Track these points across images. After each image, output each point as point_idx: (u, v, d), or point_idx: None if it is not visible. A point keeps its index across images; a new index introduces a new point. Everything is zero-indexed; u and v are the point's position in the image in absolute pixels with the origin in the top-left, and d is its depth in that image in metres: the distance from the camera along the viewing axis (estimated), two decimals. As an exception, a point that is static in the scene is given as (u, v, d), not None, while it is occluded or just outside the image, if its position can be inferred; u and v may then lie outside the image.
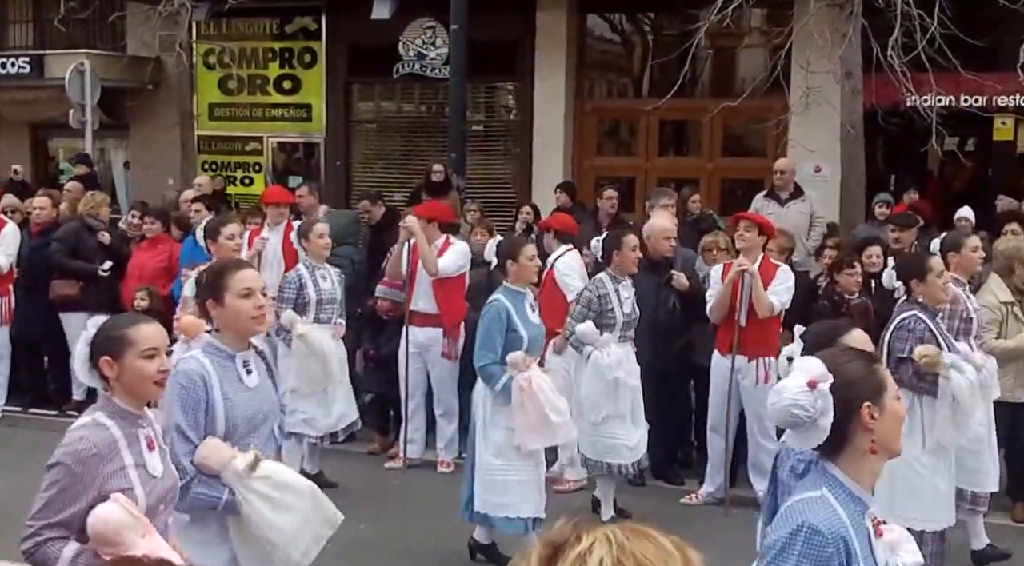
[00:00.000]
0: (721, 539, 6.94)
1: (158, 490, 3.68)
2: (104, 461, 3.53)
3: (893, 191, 13.23)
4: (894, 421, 2.88)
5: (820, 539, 2.72)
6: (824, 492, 2.81)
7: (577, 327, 7.38)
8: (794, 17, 12.61)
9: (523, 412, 6.36)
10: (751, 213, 8.85)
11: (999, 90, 12.12)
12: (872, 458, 2.86)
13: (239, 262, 4.70)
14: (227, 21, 16.52)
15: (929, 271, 6.19)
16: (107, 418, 3.62)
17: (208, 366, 4.19)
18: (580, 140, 15.50)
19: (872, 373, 2.88)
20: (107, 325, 3.73)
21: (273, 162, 17.10)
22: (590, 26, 15.80)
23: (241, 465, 4.07)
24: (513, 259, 6.57)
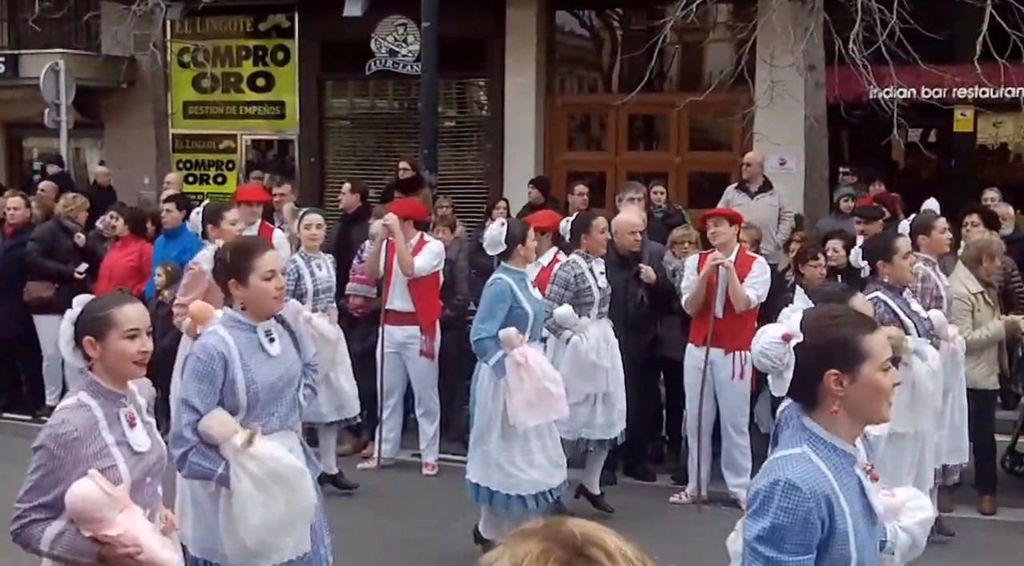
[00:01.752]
0: (694, 535, 7.05)
1: (143, 464, 3.76)
2: (85, 443, 3.61)
3: (856, 183, 13.45)
4: (872, 391, 2.86)
5: (798, 494, 2.74)
6: (805, 448, 2.84)
7: (556, 312, 7.38)
8: (758, 12, 12.80)
9: (520, 388, 6.39)
10: (717, 208, 9.01)
11: (958, 82, 12.31)
12: (848, 419, 2.88)
13: (263, 243, 4.76)
14: (201, 20, 16.58)
15: (895, 252, 6.22)
16: (90, 397, 3.71)
17: (229, 340, 4.30)
18: (551, 135, 15.67)
19: (854, 341, 2.86)
20: (92, 305, 3.80)
21: (247, 159, 17.20)
22: (559, 22, 15.96)
23: (239, 440, 4.19)
24: (523, 243, 6.66)
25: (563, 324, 7.43)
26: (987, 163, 14.40)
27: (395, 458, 9.00)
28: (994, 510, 7.93)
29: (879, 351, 2.89)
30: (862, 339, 2.88)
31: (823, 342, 2.88)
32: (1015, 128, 13.80)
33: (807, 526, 2.75)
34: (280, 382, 4.40)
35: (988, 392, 7.74)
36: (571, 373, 7.36)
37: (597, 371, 7.46)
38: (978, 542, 7.19)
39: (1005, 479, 8.41)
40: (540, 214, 9.36)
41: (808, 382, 2.88)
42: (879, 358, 2.88)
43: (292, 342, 4.55)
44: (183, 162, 17.00)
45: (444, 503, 7.82)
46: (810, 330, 2.91)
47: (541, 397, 6.44)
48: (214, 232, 7.23)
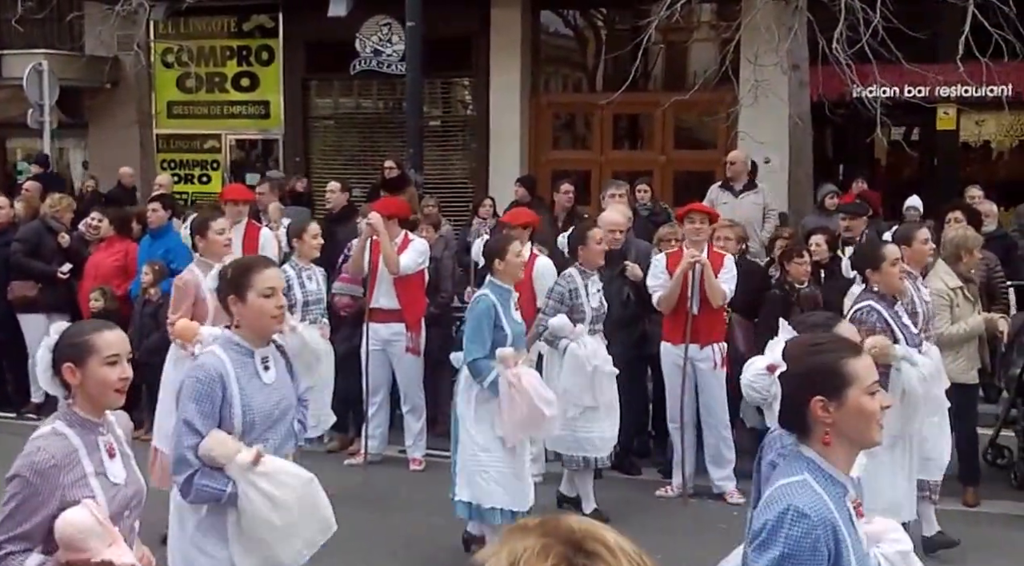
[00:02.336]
0: (679, 528, 7.12)
1: (120, 497, 3.67)
2: (63, 471, 3.51)
3: (841, 181, 13.53)
4: (860, 416, 2.83)
5: (807, 522, 2.71)
6: (806, 476, 2.81)
7: (550, 322, 7.35)
8: (742, 12, 12.86)
9: (512, 407, 6.33)
10: (695, 204, 9.03)
11: (941, 81, 12.40)
12: (839, 446, 2.86)
13: (264, 260, 4.66)
14: (184, 20, 16.58)
15: (883, 260, 6.19)
16: (67, 427, 3.60)
17: (227, 361, 4.18)
18: (536, 134, 15.70)
19: (837, 366, 2.84)
20: (70, 331, 3.71)
21: (232, 159, 17.19)
22: (544, 22, 16.00)
23: (246, 458, 4.07)
24: (500, 257, 6.52)
25: (558, 334, 7.38)
26: (970, 161, 14.50)
27: (382, 454, 9.02)
28: (977, 502, 8.00)
29: (864, 375, 2.86)
30: (845, 364, 2.86)
31: (806, 369, 2.87)
32: (997, 126, 13.91)
33: (815, 554, 2.72)
34: (276, 410, 4.29)
35: (969, 386, 7.79)
36: (573, 383, 7.33)
37: (598, 377, 7.40)
38: (962, 534, 7.22)
39: (987, 471, 8.49)
40: (514, 211, 9.37)
41: (796, 411, 2.87)
42: (865, 382, 2.85)
43: (288, 371, 4.46)
44: (167, 162, 16.98)
45: (431, 498, 7.82)
46: (793, 358, 2.91)
47: (535, 417, 6.40)
48: (202, 243, 7.14)
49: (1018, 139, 14.01)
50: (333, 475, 8.38)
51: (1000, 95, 12.19)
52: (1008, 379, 8.76)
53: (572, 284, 7.47)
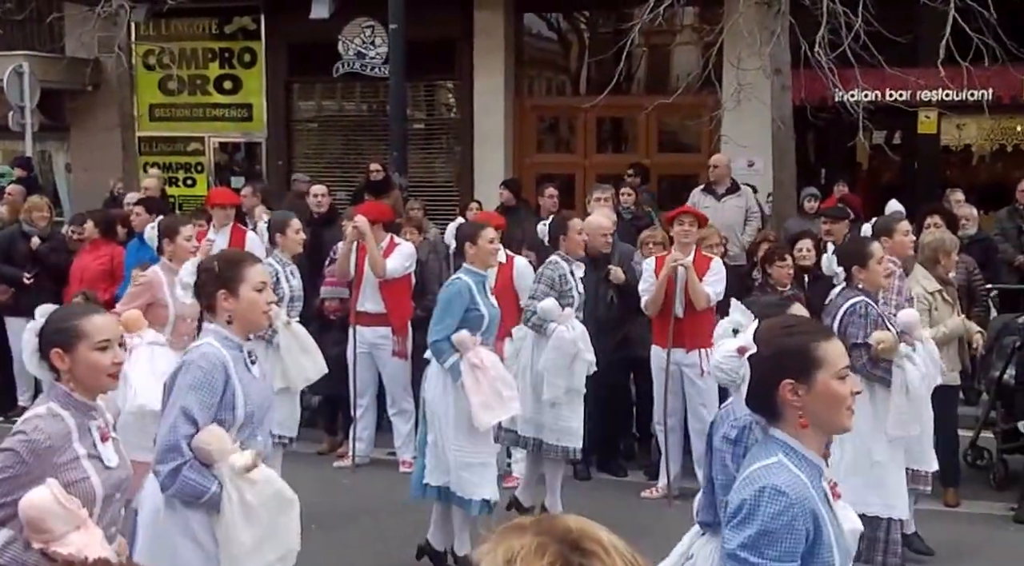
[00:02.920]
0: (664, 529, 7.09)
1: (112, 479, 3.64)
2: (57, 452, 3.48)
3: (823, 184, 13.59)
4: (829, 400, 2.81)
5: (784, 499, 2.70)
6: (781, 458, 2.79)
7: (539, 305, 7.33)
8: (724, 15, 12.90)
9: (477, 389, 6.34)
10: (685, 207, 9.08)
11: (922, 85, 12.47)
12: (809, 430, 2.83)
13: (252, 256, 4.60)
14: (166, 22, 16.53)
15: (870, 257, 6.21)
16: (61, 408, 3.56)
17: (225, 353, 4.10)
18: (520, 138, 15.73)
19: (808, 349, 2.82)
20: (57, 316, 3.65)
21: (216, 162, 17.14)
22: (527, 25, 16.03)
23: (239, 462, 3.95)
24: (472, 242, 6.56)
25: (547, 317, 7.35)
26: (950, 165, 14.59)
27: (370, 457, 9.02)
28: (957, 503, 8.07)
29: (835, 358, 2.84)
30: (816, 347, 2.83)
31: (776, 352, 2.84)
32: (978, 130, 14.00)
33: (793, 532, 2.71)
34: (263, 407, 4.23)
35: (949, 388, 7.85)
36: (553, 362, 7.30)
37: (578, 363, 7.39)
38: (942, 534, 7.30)
39: (967, 472, 8.57)
40: (480, 214, 9.37)
41: (765, 393, 2.85)
42: (835, 365, 2.83)
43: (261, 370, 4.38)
44: (150, 165, 16.91)
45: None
46: (764, 340, 2.87)
47: (496, 398, 6.42)
48: (170, 247, 7.08)
49: (998, 143, 14.11)
50: (321, 478, 8.50)
51: (981, 99, 12.28)
52: (988, 381, 8.83)
53: (560, 270, 7.50)
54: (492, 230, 6.75)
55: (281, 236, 7.97)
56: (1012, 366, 8.45)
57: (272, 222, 8.30)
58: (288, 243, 7.95)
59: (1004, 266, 10.88)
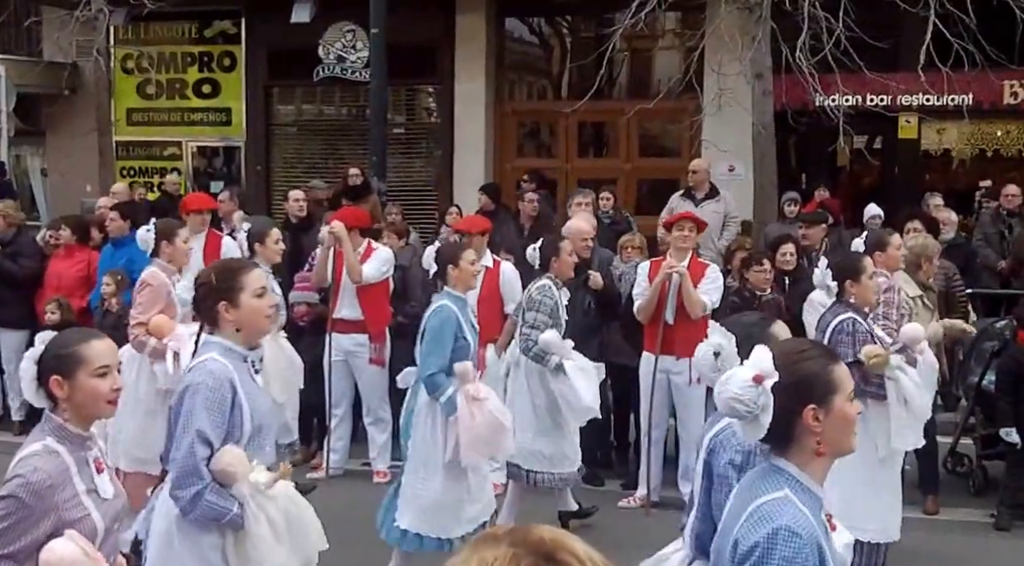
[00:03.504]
0: (642, 538, 7.06)
1: (111, 512, 3.59)
2: (58, 490, 3.43)
3: (804, 189, 13.59)
4: (843, 423, 2.81)
5: (798, 541, 2.68)
6: (787, 492, 2.77)
7: (542, 338, 7.11)
8: (706, 20, 12.88)
9: (471, 424, 6.10)
10: (685, 212, 9.02)
11: (903, 90, 12.50)
12: (819, 460, 2.83)
13: (248, 262, 4.61)
14: (145, 25, 16.41)
15: (863, 272, 6.23)
16: (57, 443, 3.50)
17: (229, 365, 4.04)
18: (501, 142, 15.68)
19: (825, 373, 2.82)
20: (56, 342, 3.59)
21: (193, 167, 17.04)
22: (509, 29, 15.99)
23: (262, 479, 3.95)
24: (454, 264, 6.37)
25: (548, 349, 7.15)
26: (931, 169, 14.61)
27: (343, 468, 8.93)
28: (937, 510, 8.07)
29: (846, 381, 2.86)
30: (832, 371, 2.84)
31: (798, 378, 2.80)
32: (958, 135, 14.02)
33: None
34: (268, 416, 4.22)
35: (928, 394, 7.84)
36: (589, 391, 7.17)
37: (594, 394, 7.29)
38: (922, 541, 7.28)
39: (947, 479, 8.57)
40: (468, 218, 9.35)
41: (785, 421, 2.79)
42: (847, 388, 2.85)
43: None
44: (127, 169, 16.81)
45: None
46: (782, 367, 2.81)
47: (493, 433, 6.21)
48: (168, 249, 7.07)
49: (978, 148, 14.13)
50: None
51: (961, 104, 12.29)
52: (966, 387, 8.83)
53: (555, 297, 7.31)
54: (472, 252, 6.63)
55: (260, 246, 7.93)
56: (991, 371, 8.44)
57: (251, 231, 8.26)
58: (267, 253, 7.89)
59: (985, 270, 10.88)
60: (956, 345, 8.95)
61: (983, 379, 8.52)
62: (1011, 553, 7.49)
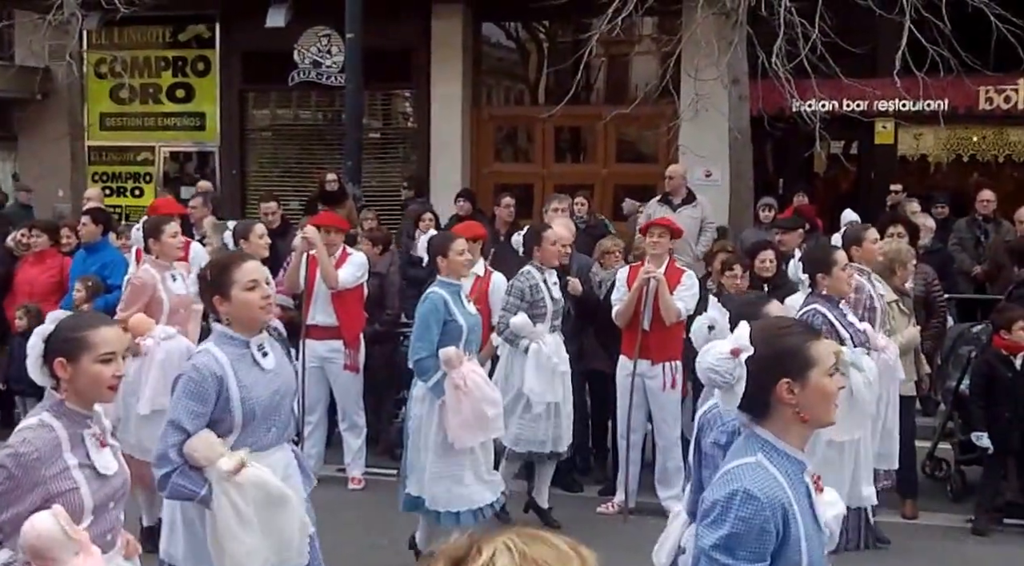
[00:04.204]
0: (620, 544, 7.08)
1: (107, 489, 3.64)
2: (46, 464, 3.47)
3: (781, 194, 13.59)
4: (820, 396, 2.92)
5: (756, 503, 2.80)
6: (759, 457, 2.90)
7: (512, 321, 7.41)
8: (682, 26, 12.88)
9: (458, 409, 6.37)
10: (661, 218, 9.01)
11: (879, 95, 12.54)
12: (799, 426, 2.95)
13: (242, 255, 4.75)
14: (119, 30, 16.28)
15: (834, 264, 6.39)
16: (53, 418, 3.56)
17: (222, 358, 4.22)
18: (477, 147, 15.64)
19: (802, 349, 2.94)
20: (65, 324, 3.65)
21: (165, 172, 16.92)
22: (485, 34, 15.96)
23: (225, 466, 4.11)
24: (443, 255, 6.60)
25: (519, 333, 7.44)
26: (907, 174, 14.64)
27: (319, 473, 8.84)
28: (915, 514, 8.08)
29: (825, 357, 2.97)
30: (810, 346, 2.96)
31: (774, 352, 2.95)
32: (935, 140, 14.07)
33: (763, 534, 2.81)
34: (277, 396, 4.35)
35: (905, 398, 7.85)
36: (536, 380, 7.40)
37: (557, 377, 7.50)
38: (901, 545, 7.32)
39: (925, 484, 8.55)
40: (463, 224, 9.33)
41: (760, 392, 2.94)
42: (826, 364, 2.96)
43: (285, 353, 4.56)
44: (100, 174, 16.67)
45: (372, 517, 7.73)
46: (761, 341, 2.97)
47: (479, 419, 6.44)
48: (156, 246, 7.15)
49: (954, 153, 14.18)
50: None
51: (937, 110, 12.33)
52: (944, 392, 8.83)
53: (532, 280, 7.53)
54: (462, 241, 6.81)
55: (245, 242, 7.97)
56: (968, 376, 8.44)
57: (236, 229, 8.30)
58: (253, 248, 7.88)
59: (961, 276, 10.91)
60: (936, 351, 8.95)
61: (960, 384, 8.53)
62: (989, 558, 7.50)
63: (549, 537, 1.78)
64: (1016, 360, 7.85)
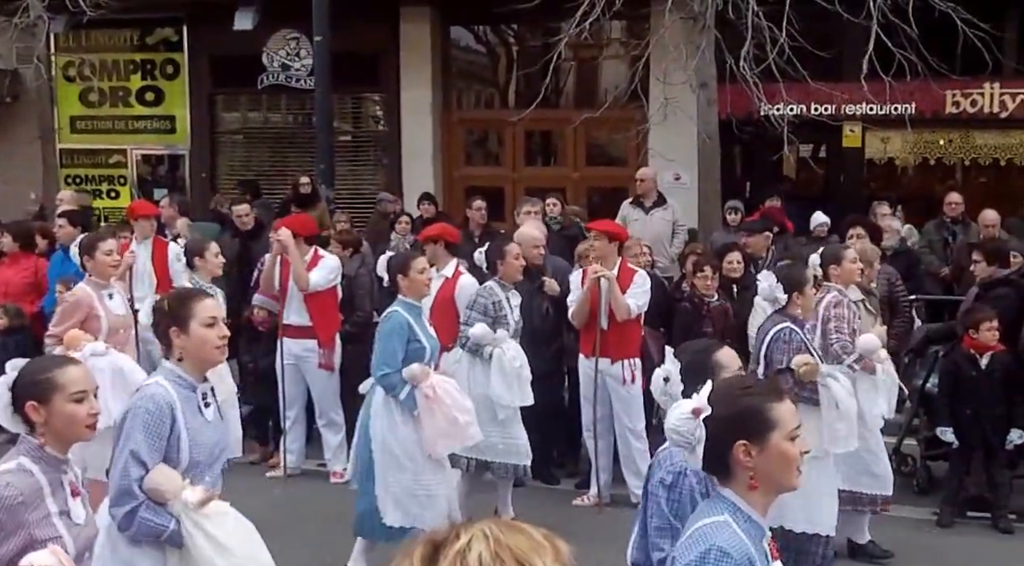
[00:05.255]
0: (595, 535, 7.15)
1: (82, 537, 3.61)
2: (29, 509, 3.44)
3: (750, 197, 13.70)
4: (781, 460, 2.88)
5: (729, 561, 2.78)
6: (727, 518, 2.87)
7: (471, 332, 7.48)
8: (650, 30, 12.96)
9: (432, 419, 6.40)
10: (598, 222, 9.09)
11: (846, 99, 12.64)
12: (759, 490, 2.91)
13: (201, 291, 4.63)
14: (87, 33, 16.19)
15: (807, 283, 6.51)
16: (32, 463, 3.52)
17: (174, 394, 4.06)
18: (448, 150, 15.66)
19: (762, 410, 2.89)
20: (30, 368, 3.63)
21: (138, 174, 16.85)
22: (454, 37, 15.98)
23: (192, 498, 3.98)
24: (403, 274, 6.57)
25: (480, 342, 7.49)
26: (875, 178, 14.79)
27: (300, 468, 9.11)
28: (886, 508, 8.13)
29: (788, 419, 2.91)
30: (770, 408, 2.91)
31: (732, 413, 2.91)
32: (902, 143, 14.19)
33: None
34: (216, 448, 4.22)
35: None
36: (501, 384, 7.45)
37: (522, 382, 7.54)
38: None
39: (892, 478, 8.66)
40: (432, 226, 9.38)
41: (718, 453, 2.91)
42: (788, 426, 2.90)
43: (218, 412, 4.34)
44: (71, 177, 16.58)
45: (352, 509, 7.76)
46: (719, 401, 2.93)
47: (452, 426, 6.48)
48: (90, 263, 7.06)
49: (921, 156, 14.33)
50: (254, 487, 8.39)
51: (904, 113, 12.46)
52: (911, 389, 8.94)
53: (495, 297, 7.63)
54: (423, 259, 6.82)
55: (200, 259, 8.09)
56: (934, 374, 8.58)
57: (188, 247, 8.34)
58: (208, 266, 8.10)
59: (929, 277, 11.03)
60: (902, 350, 9.07)
61: (927, 382, 8.67)
62: (953, 549, 7.68)
63: (526, 528, 1.82)
64: (982, 360, 7.99)
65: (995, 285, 8.63)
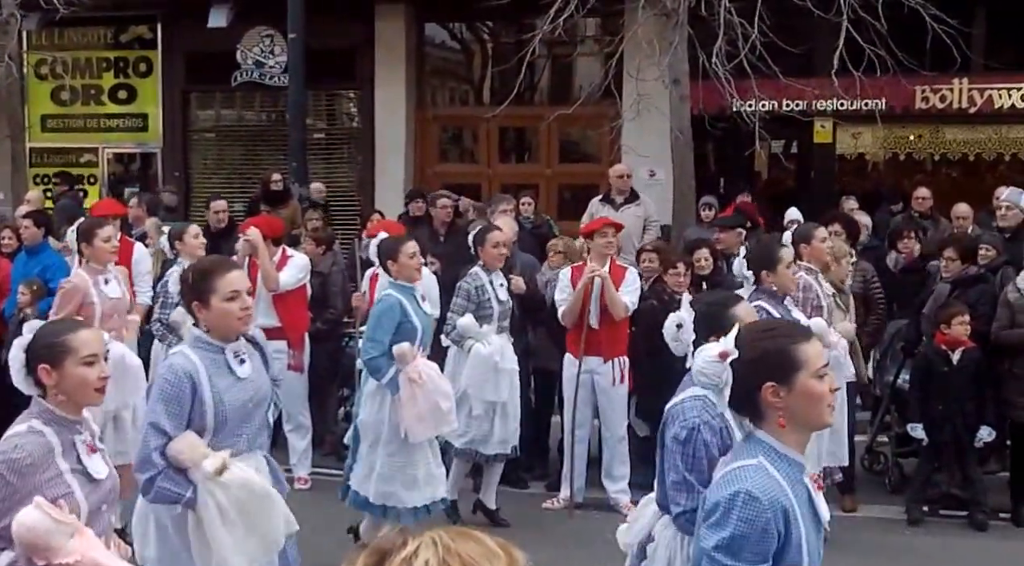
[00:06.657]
0: (566, 539, 7.18)
1: (99, 492, 3.67)
2: (40, 469, 3.51)
3: (723, 193, 13.74)
4: (810, 399, 2.91)
5: (757, 505, 2.82)
6: (761, 460, 2.91)
7: (458, 322, 7.53)
8: (624, 26, 12.98)
9: (413, 403, 6.49)
10: (606, 219, 9.10)
11: (817, 95, 12.68)
12: (792, 429, 2.94)
13: (226, 263, 4.66)
14: (59, 30, 16.10)
15: (779, 262, 6.44)
16: (43, 425, 3.59)
17: (197, 361, 4.23)
18: (423, 147, 15.64)
19: (788, 351, 2.92)
20: (44, 331, 3.70)
21: (110, 173, 16.77)
22: (429, 34, 15.95)
23: (209, 467, 4.11)
24: (393, 259, 6.73)
25: (465, 334, 7.55)
26: (846, 173, 14.85)
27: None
28: (855, 508, 8.22)
29: (814, 359, 2.95)
30: (796, 348, 2.94)
31: (758, 355, 2.94)
32: (872, 139, 14.26)
33: (765, 536, 2.83)
34: (250, 403, 4.36)
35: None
36: (474, 380, 7.49)
37: (500, 376, 7.57)
38: (840, 539, 7.35)
39: (864, 477, 8.72)
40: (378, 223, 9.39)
41: (748, 396, 2.95)
42: (814, 365, 2.94)
43: (263, 362, 4.51)
44: (41, 176, 16.47)
45: (318, 517, 7.70)
46: (745, 345, 2.97)
47: (433, 411, 6.56)
48: (88, 250, 7.11)
49: (891, 152, 14.40)
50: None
51: (874, 109, 12.52)
52: (883, 386, 8.98)
53: (478, 281, 7.65)
54: (413, 244, 6.90)
55: (180, 243, 8.11)
56: (905, 370, 8.61)
57: (171, 230, 8.38)
58: (188, 248, 8.07)
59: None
60: (875, 345, 9.10)
61: (898, 378, 8.70)
62: (924, 548, 7.67)
63: (478, 535, 1.79)
64: (953, 355, 8.02)
65: (970, 282, 8.53)
